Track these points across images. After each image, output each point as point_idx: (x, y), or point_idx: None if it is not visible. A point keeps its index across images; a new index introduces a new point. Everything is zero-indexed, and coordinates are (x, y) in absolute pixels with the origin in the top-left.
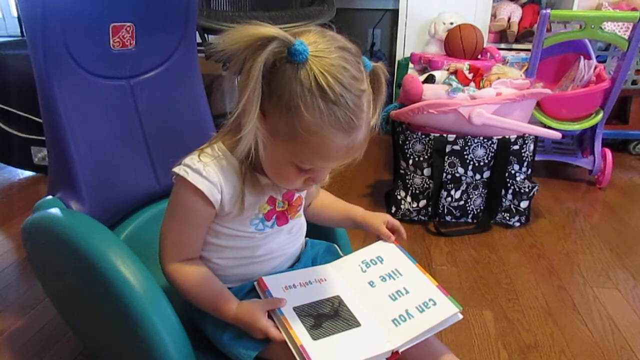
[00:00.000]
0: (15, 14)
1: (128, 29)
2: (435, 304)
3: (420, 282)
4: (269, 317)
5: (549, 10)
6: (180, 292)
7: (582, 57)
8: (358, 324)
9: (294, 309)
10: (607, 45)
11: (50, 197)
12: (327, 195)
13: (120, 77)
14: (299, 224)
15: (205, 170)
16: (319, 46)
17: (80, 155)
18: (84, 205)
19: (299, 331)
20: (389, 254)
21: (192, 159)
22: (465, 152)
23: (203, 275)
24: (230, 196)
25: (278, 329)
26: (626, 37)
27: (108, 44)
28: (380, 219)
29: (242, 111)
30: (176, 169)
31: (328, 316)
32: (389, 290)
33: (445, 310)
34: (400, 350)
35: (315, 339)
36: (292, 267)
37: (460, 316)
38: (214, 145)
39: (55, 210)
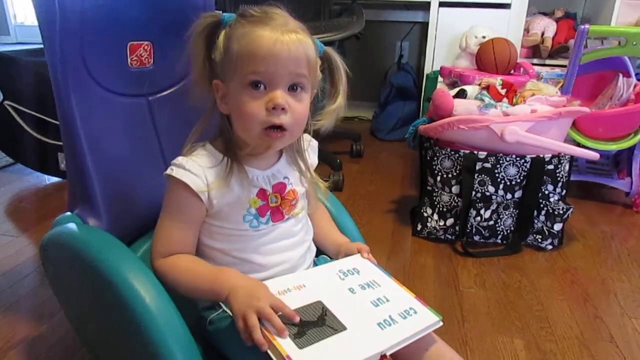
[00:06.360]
0: None
1: (146, 47)
2: (416, 312)
3: (399, 293)
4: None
5: (587, 26)
6: (172, 284)
7: (620, 75)
8: (344, 328)
9: None
10: None
11: (68, 213)
12: (328, 220)
13: (139, 94)
14: (303, 230)
15: (188, 164)
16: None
17: (98, 172)
18: (101, 222)
19: (284, 341)
20: (364, 267)
21: (177, 158)
22: (496, 171)
23: (194, 259)
24: (216, 189)
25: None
26: None
27: (126, 62)
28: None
29: (192, 65)
30: (166, 171)
31: (312, 323)
32: (369, 297)
33: (427, 318)
34: (387, 354)
35: (301, 348)
36: None
37: (441, 323)
38: (200, 144)
39: (72, 226)
